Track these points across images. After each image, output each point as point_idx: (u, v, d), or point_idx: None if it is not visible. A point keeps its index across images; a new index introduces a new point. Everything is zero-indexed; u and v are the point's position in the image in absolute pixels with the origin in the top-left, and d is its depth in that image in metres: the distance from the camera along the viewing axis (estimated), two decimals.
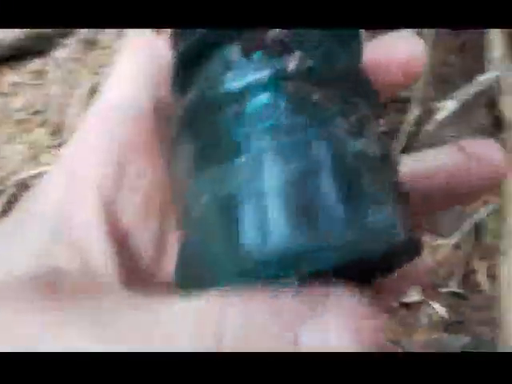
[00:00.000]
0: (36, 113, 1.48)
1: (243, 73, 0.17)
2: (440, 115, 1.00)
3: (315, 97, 0.16)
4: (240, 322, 0.14)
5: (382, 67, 0.20)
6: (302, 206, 0.15)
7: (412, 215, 0.17)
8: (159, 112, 0.21)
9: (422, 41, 0.21)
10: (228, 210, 0.15)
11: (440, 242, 1.05)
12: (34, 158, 1.35)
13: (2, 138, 1.40)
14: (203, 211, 0.16)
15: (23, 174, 1.29)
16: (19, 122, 1.45)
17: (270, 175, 0.15)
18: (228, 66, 0.18)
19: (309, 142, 0.15)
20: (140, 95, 0.20)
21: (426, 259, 0.19)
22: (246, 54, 0.17)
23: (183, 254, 0.17)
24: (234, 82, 0.17)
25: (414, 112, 1.19)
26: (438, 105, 0.93)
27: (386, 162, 0.17)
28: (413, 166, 0.21)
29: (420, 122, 1.18)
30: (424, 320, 0.91)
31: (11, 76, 1.58)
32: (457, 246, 1.02)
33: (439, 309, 0.93)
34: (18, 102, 1.50)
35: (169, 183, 0.20)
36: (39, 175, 1.30)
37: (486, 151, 0.20)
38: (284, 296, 0.14)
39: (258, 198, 0.15)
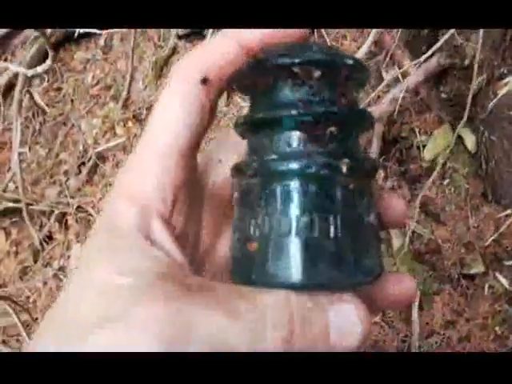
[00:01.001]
0: (107, 88, 1.56)
1: (294, 159, 0.24)
2: (503, 91, 0.98)
3: (350, 186, 0.24)
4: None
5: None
6: (323, 256, 0.23)
7: None
8: (194, 152, 0.27)
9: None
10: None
11: (504, 213, 1.04)
12: (109, 131, 1.44)
13: (78, 114, 1.50)
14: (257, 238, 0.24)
15: (101, 147, 1.38)
16: (93, 97, 1.54)
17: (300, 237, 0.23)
18: (283, 149, 0.25)
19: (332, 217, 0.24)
20: (178, 142, 0.25)
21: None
22: (300, 143, 0.24)
23: (240, 260, 0.25)
24: (287, 165, 0.24)
25: (478, 80, 1.16)
26: (500, 83, 0.91)
27: (377, 226, 0.26)
28: None
29: (483, 91, 1.15)
30: (487, 291, 0.93)
31: (81, 53, 1.66)
32: None
33: (503, 281, 0.94)
34: (89, 78, 1.59)
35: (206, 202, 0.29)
36: (115, 147, 1.39)
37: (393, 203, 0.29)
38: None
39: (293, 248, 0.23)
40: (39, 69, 0.60)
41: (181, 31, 1.65)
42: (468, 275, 0.98)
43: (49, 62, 0.57)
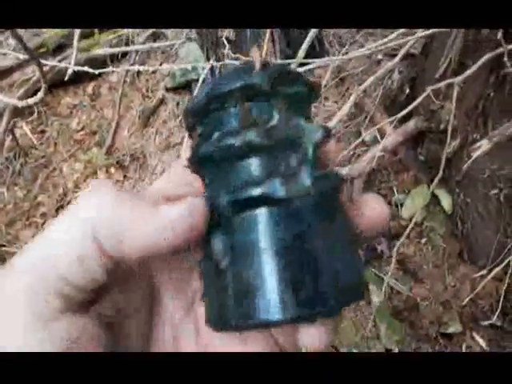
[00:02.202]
0: (91, 133, 1.58)
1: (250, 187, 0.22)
2: (475, 154, 1.03)
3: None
4: None
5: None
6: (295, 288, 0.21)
7: None
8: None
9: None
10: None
11: (479, 273, 1.06)
12: (91, 176, 1.44)
13: (61, 157, 1.49)
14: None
15: (81, 191, 1.37)
16: (76, 141, 1.55)
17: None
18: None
19: None
20: (174, 191, 0.26)
21: None
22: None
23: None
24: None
25: (452, 144, 1.21)
26: (474, 146, 0.96)
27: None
28: None
29: (458, 154, 1.20)
30: (464, 351, 0.93)
31: (69, 99, 1.68)
32: (497, 279, 1.03)
33: (480, 341, 0.94)
34: (74, 123, 1.60)
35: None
36: None
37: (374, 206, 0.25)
38: None
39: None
40: (30, 100, 0.61)
41: (169, 84, 1.71)
42: (446, 334, 0.97)
43: (41, 93, 0.57)
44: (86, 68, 0.71)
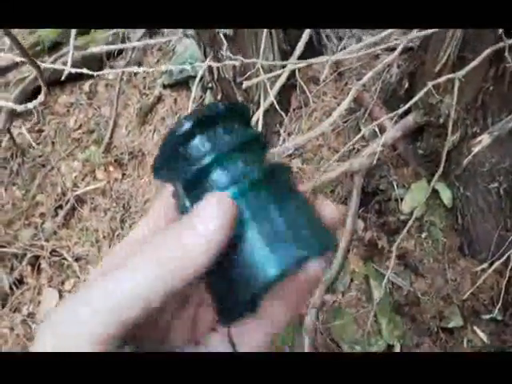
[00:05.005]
0: (89, 131, 1.57)
1: None
2: (476, 148, 1.02)
3: None
4: None
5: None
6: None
7: None
8: None
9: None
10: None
11: (480, 267, 1.06)
12: (89, 174, 1.43)
13: (59, 156, 1.49)
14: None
15: (80, 190, 1.36)
16: (74, 140, 1.54)
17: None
18: None
19: None
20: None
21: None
22: None
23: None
24: None
25: (452, 138, 1.21)
26: (474, 141, 0.96)
27: None
28: None
29: (457, 148, 1.20)
30: (466, 345, 0.93)
31: (66, 97, 1.67)
32: (498, 272, 1.03)
33: (481, 335, 0.94)
34: (72, 122, 1.60)
35: None
36: (95, 191, 1.38)
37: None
38: None
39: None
40: (30, 105, 0.60)
41: (166, 81, 1.70)
42: (447, 329, 0.97)
43: (42, 96, 0.57)
44: (84, 70, 0.70)
